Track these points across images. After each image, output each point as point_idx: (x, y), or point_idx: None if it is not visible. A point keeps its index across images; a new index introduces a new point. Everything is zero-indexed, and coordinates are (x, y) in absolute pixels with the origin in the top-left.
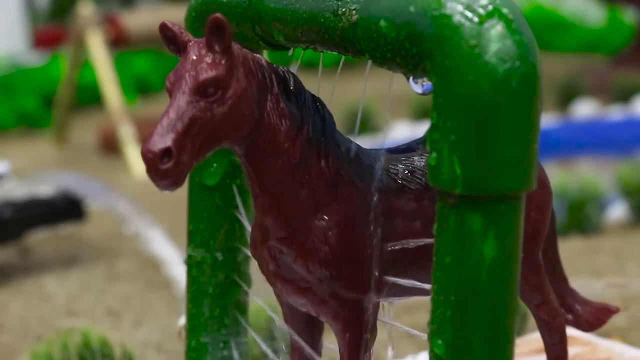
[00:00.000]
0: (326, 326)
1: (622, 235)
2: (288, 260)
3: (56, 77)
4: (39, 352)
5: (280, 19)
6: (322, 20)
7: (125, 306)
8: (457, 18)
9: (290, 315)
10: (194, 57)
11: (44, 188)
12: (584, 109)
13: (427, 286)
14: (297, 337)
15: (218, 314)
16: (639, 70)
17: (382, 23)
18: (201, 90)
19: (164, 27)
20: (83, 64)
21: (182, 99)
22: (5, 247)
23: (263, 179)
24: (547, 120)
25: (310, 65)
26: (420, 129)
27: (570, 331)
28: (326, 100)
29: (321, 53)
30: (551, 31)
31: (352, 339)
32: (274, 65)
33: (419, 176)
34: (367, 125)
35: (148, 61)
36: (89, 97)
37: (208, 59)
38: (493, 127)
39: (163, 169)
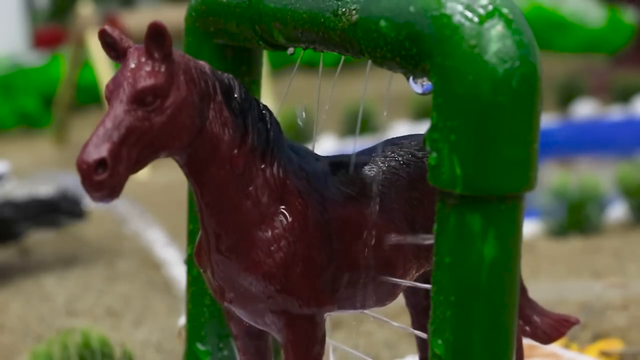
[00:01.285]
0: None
1: (622, 235)
2: (232, 273)
3: (56, 77)
4: (39, 352)
5: (280, 18)
6: (322, 20)
7: (125, 306)
8: (457, 18)
9: (237, 330)
10: (133, 65)
11: (44, 188)
12: (584, 109)
13: (427, 286)
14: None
15: (218, 314)
16: (639, 70)
17: (382, 23)
18: (139, 98)
19: (102, 33)
20: (83, 64)
21: (119, 108)
22: (5, 247)
23: (205, 189)
24: (547, 120)
25: (310, 65)
26: (420, 129)
27: (533, 342)
28: (326, 100)
29: (321, 53)
30: (551, 31)
31: (301, 355)
32: (219, 73)
33: (374, 184)
34: (367, 125)
35: None
36: (89, 97)
37: (147, 67)
38: (493, 127)
39: (97, 180)
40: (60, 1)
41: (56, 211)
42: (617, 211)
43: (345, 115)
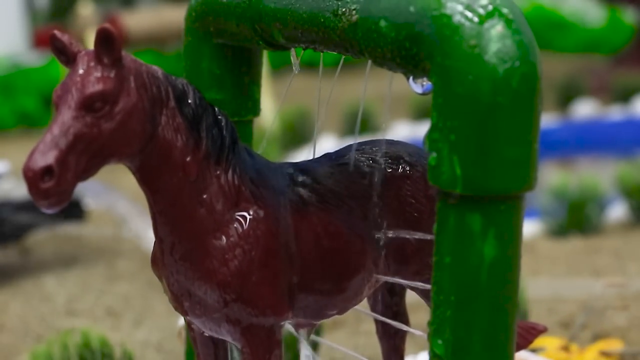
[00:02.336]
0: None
1: (622, 235)
2: (187, 282)
3: (56, 77)
4: (39, 352)
5: (281, 18)
6: (322, 20)
7: (125, 306)
8: (457, 18)
9: (197, 338)
10: (82, 70)
11: None
12: (584, 109)
13: (427, 286)
14: None
15: None
16: (639, 70)
17: (382, 23)
18: (87, 104)
19: (53, 38)
20: None
21: (67, 114)
22: (5, 247)
23: (158, 196)
24: (547, 120)
25: (310, 65)
26: (420, 129)
27: None
28: (325, 100)
29: (321, 53)
30: (551, 31)
31: None
32: (173, 78)
33: (334, 191)
34: (367, 125)
35: (148, 61)
36: None
37: (96, 72)
38: (493, 127)
39: (44, 188)
40: (60, 1)
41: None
42: (617, 211)
43: (345, 115)
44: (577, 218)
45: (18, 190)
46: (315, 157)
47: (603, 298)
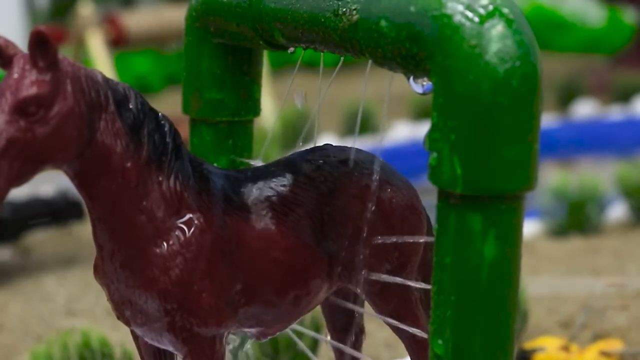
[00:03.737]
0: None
1: (622, 235)
2: (127, 290)
3: None
4: (39, 352)
5: (281, 18)
6: (323, 20)
7: None
8: (457, 18)
9: (142, 348)
10: (17, 74)
11: (44, 188)
12: (584, 109)
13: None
14: None
15: None
16: (639, 70)
17: (383, 23)
18: (21, 108)
19: None
20: (83, 64)
21: (0, 118)
22: (5, 247)
23: (97, 203)
24: (547, 120)
25: (310, 65)
26: (420, 129)
27: None
28: (324, 100)
29: (322, 53)
30: (551, 31)
31: None
32: (114, 82)
33: (281, 198)
34: (367, 125)
35: (148, 61)
36: None
37: (31, 76)
38: (493, 127)
39: None
40: (60, 1)
41: (56, 211)
42: (617, 211)
43: (345, 115)
44: (577, 218)
45: (18, 190)
46: (265, 164)
47: (603, 298)
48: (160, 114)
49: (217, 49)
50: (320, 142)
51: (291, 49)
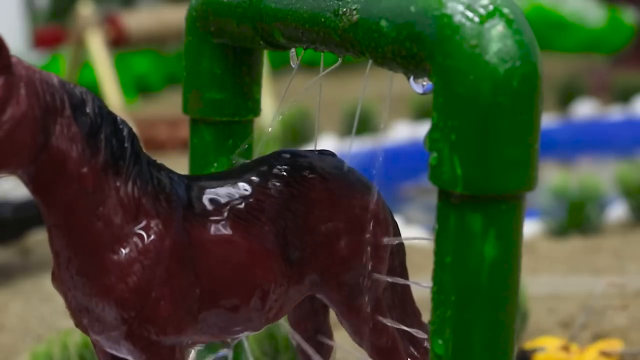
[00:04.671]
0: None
1: (622, 235)
2: (84, 298)
3: None
4: (39, 352)
5: (281, 18)
6: (323, 20)
7: None
8: (457, 18)
9: (102, 357)
10: None
11: None
12: (584, 109)
13: (427, 284)
14: None
15: None
16: (639, 70)
17: (383, 23)
18: None
19: None
20: (83, 64)
21: None
22: (5, 247)
23: (53, 209)
24: (547, 120)
25: (310, 65)
26: (420, 129)
27: None
28: (325, 100)
29: (322, 53)
30: (551, 31)
31: None
32: (71, 86)
33: (242, 204)
34: (367, 125)
35: (148, 61)
36: None
37: None
38: (494, 127)
39: None
40: (60, 1)
41: None
42: (617, 211)
43: (346, 115)
44: (577, 218)
45: (18, 190)
46: (229, 169)
47: (603, 298)
48: (119, 118)
49: (217, 49)
50: (321, 143)
51: (293, 59)
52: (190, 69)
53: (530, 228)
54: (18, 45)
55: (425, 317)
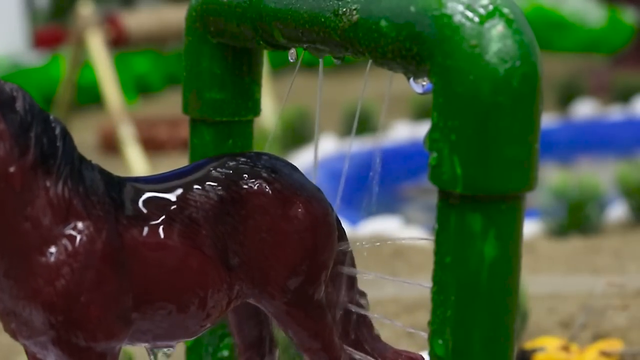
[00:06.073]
0: None
1: (622, 235)
2: (11, 301)
3: (56, 77)
4: None
5: (281, 18)
6: (323, 20)
7: None
8: (457, 18)
9: None
10: None
11: None
12: (584, 109)
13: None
14: None
15: None
16: (639, 70)
17: (383, 23)
18: None
19: None
20: (83, 64)
21: None
22: None
23: None
24: (547, 120)
25: (310, 66)
26: (420, 129)
27: None
28: (325, 100)
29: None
30: (551, 31)
31: None
32: (1, 83)
33: (180, 208)
34: (367, 125)
35: (148, 61)
36: (89, 97)
37: None
38: (494, 127)
39: None
40: (60, 1)
41: None
42: (617, 211)
43: (345, 115)
44: (577, 218)
45: None
46: (169, 170)
47: (603, 298)
48: (51, 116)
49: (217, 49)
50: (321, 143)
51: (292, 57)
52: (190, 69)
53: (530, 228)
54: (18, 45)
55: (426, 317)
